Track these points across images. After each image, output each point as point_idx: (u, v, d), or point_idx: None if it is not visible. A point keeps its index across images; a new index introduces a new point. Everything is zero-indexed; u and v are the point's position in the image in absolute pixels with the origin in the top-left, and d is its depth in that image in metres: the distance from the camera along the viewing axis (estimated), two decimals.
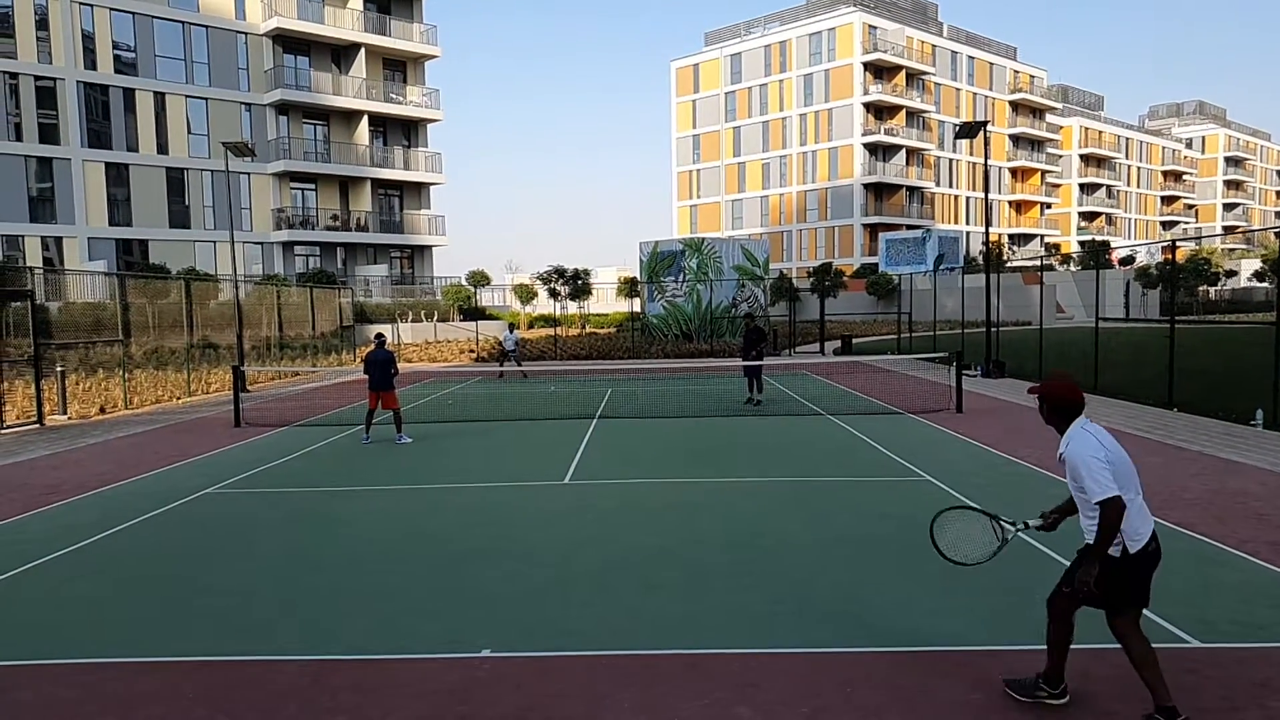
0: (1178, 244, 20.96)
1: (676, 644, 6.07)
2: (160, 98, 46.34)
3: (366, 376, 15.97)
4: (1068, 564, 7.44)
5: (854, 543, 8.51)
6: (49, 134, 43.38)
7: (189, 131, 47.30)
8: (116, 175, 45.47)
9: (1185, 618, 6.37)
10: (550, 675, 5.64)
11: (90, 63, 44.14)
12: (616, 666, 5.74)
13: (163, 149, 46.57)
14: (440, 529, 9.39)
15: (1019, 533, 5.47)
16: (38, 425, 18.37)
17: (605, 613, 6.74)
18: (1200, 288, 63.34)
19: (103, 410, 20.59)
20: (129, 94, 45.46)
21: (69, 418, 19.43)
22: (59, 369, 20.36)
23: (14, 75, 42.15)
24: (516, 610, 6.80)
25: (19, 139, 42.51)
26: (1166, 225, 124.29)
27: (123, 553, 8.75)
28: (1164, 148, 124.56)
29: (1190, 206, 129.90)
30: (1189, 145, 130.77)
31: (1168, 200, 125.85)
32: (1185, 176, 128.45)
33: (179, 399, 23.48)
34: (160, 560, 8.46)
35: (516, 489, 11.36)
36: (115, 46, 45.00)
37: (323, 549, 8.71)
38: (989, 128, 26.11)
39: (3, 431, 17.40)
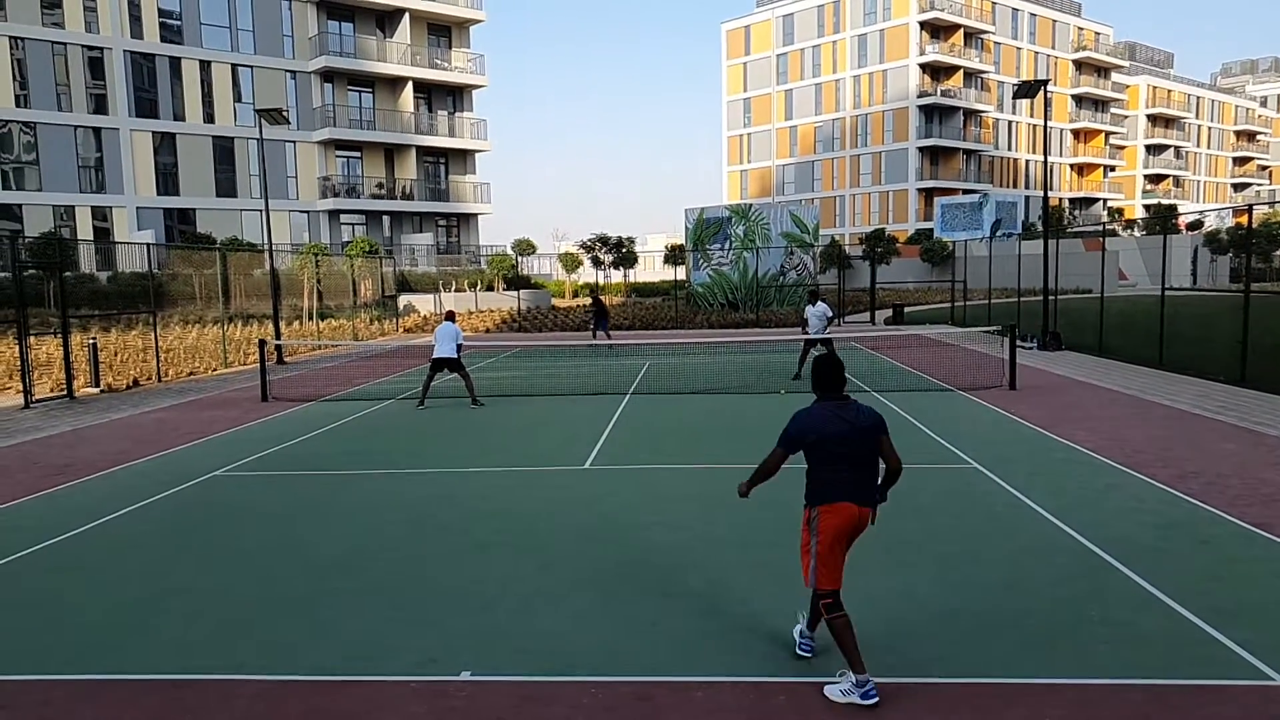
0: (1254, 207, 19.61)
1: (684, 670, 5.39)
2: (206, 66, 46.22)
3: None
4: (1132, 575, 6.66)
5: (884, 548, 7.69)
6: (97, 104, 43.52)
7: (236, 100, 47.19)
8: (164, 144, 45.57)
9: (1266, 645, 5.46)
10: (533, 707, 4.99)
11: (137, 31, 44.10)
12: (613, 696, 5.07)
13: (209, 118, 46.53)
14: (446, 520, 8.79)
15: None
16: (67, 398, 18.18)
17: (608, 627, 6.06)
18: (1276, 253, 60.65)
19: (136, 383, 20.39)
20: (175, 62, 45.39)
21: (100, 390, 19.23)
22: (91, 340, 20.15)
23: (63, 45, 42.25)
24: (510, 622, 6.16)
25: (69, 109, 42.70)
26: (1238, 188, 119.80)
27: (109, 545, 8.28)
28: (1237, 107, 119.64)
29: (1264, 168, 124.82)
30: (1264, 104, 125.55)
31: (1239, 161, 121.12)
32: (1259, 136, 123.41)
33: (213, 370, 23.26)
34: (144, 554, 7.97)
35: (532, 475, 10.72)
36: (161, 14, 44.92)
37: (318, 543, 8.16)
38: (1050, 87, 24.82)
39: (31, 405, 17.18)
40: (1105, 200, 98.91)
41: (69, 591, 7.05)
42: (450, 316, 17.29)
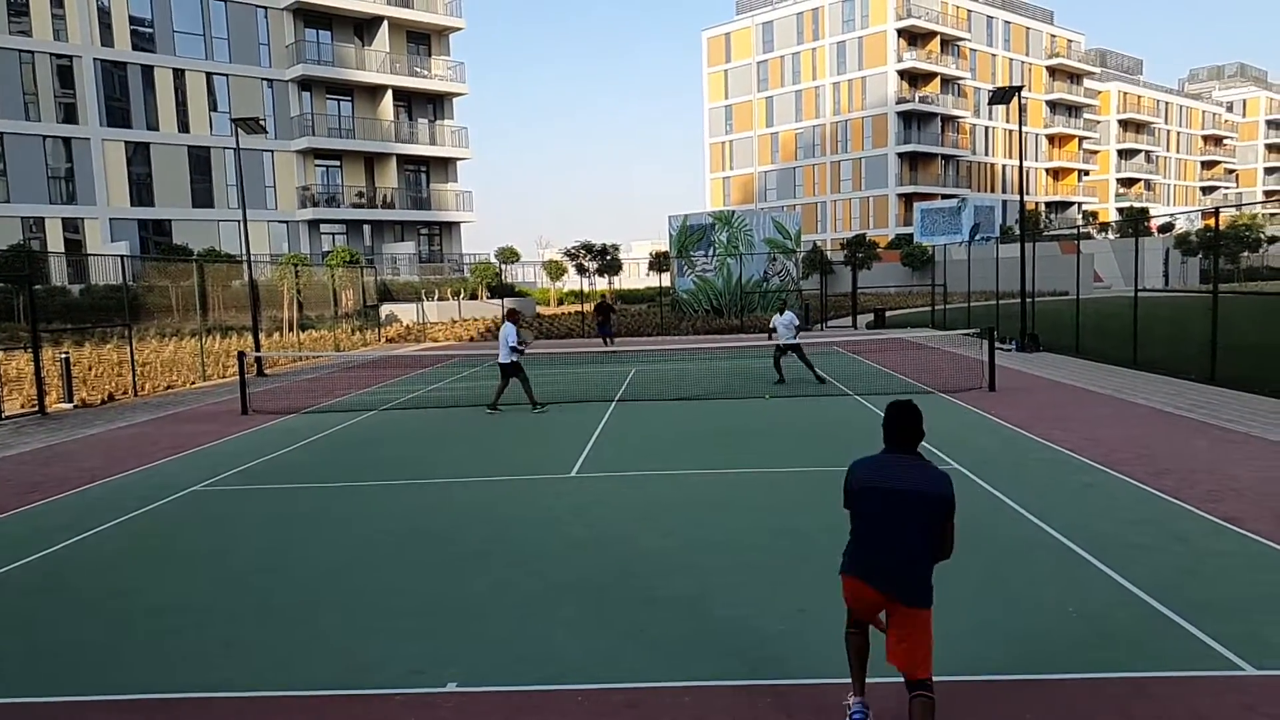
0: (1220, 210, 19.95)
1: (673, 675, 5.42)
2: (180, 74, 45.81)
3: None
4: (1109, 571, 6.79)
5: None
6: (67, 113, 43.05)
7: (211, 109, 46.86)
8: (137, 154, 45.16)
9: (1237, 637, 5.58)
10: (521, 716, 4.99)
11: (107, 39, 43.65)
12: (602, 703, 5.09)
13: (184, 127, 46.14)
14: (433, 530, 8.77)
15: None
16: (39, 414, 18.00)
17: (596, 634, 6.08)
18: (1243, 254, 61.44)
19: (111, 397, 20.22)
20: (148, 71, 44.99)
21: (74, 405, 19.06)
22: (64, 354, 19.96)
23: (30, 54, 41.77)
24: (498, 629, 6.17)
25: (37, 119, 42.20)
26: (1206, 190, 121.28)
27: (85, 563, 8.20)
28: (1204, 112, 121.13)
29: (1231, 171, 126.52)
30: (1230, 109, 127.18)
31: (1208, 165, 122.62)
32: (1226, 141, 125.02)
33: (191, 383, 23.11)
34: (123, 571, 7.90)
35: (518, 483, 10.72)
36: (133, 22, 44.49)
37: (303, 556, 8.13)
38: (1025, 93, 25.10)
39: (1, 421, 16.98)
40: (1080, 204, 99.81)
41: (46, 611, 6.98)
42: (511, 316, 16.61)
